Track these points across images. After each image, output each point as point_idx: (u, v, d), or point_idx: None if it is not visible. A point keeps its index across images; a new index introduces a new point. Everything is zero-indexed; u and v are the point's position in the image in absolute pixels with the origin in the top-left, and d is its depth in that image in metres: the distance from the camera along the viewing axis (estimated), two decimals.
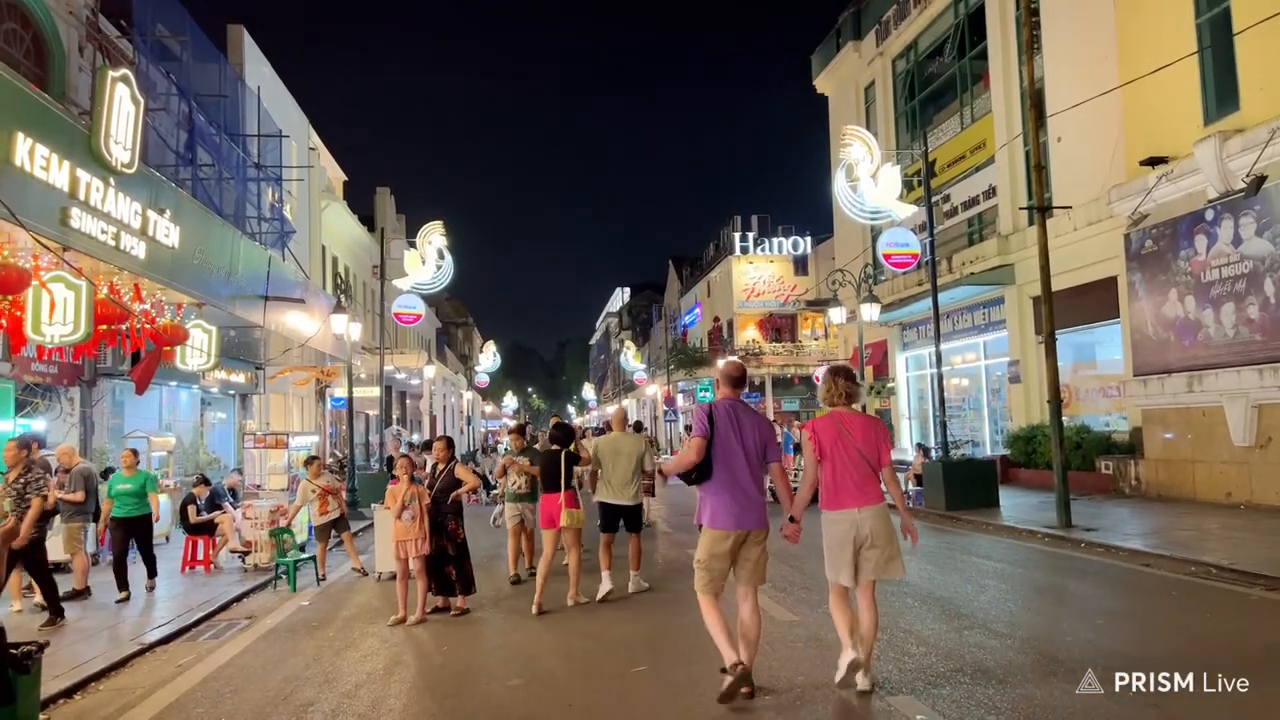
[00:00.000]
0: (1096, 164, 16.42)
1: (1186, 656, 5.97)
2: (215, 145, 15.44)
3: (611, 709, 5.39)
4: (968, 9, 22.54)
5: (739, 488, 5.26)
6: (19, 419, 11.67)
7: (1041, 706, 4.94)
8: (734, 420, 5.34)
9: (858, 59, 28.64)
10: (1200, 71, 14.06)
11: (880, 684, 5.39)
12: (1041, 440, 17.14)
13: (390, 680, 6.13)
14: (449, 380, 37.63)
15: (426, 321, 35.87)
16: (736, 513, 5.23)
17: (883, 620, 7.09)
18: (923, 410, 25.55)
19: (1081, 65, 17.01)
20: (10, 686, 4.33)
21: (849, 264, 24.25)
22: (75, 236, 8.39)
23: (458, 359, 59.50)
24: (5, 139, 7.51)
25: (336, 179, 31.94)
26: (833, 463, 5.25)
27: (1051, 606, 7.96)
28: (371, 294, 31.23)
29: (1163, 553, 9.67)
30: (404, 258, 24.74)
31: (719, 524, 5.24)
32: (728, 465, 5.28)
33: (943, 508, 14.40)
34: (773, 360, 41.47)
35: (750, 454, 5.31)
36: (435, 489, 8.32)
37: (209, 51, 15.36)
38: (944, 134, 23.78)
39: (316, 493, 10.98)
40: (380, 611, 8.38)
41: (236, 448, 18.37)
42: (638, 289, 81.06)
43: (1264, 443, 12.90)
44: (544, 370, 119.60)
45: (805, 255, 43.20)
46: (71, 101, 12.16)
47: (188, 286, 11.25)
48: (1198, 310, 14.02)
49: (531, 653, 6.71)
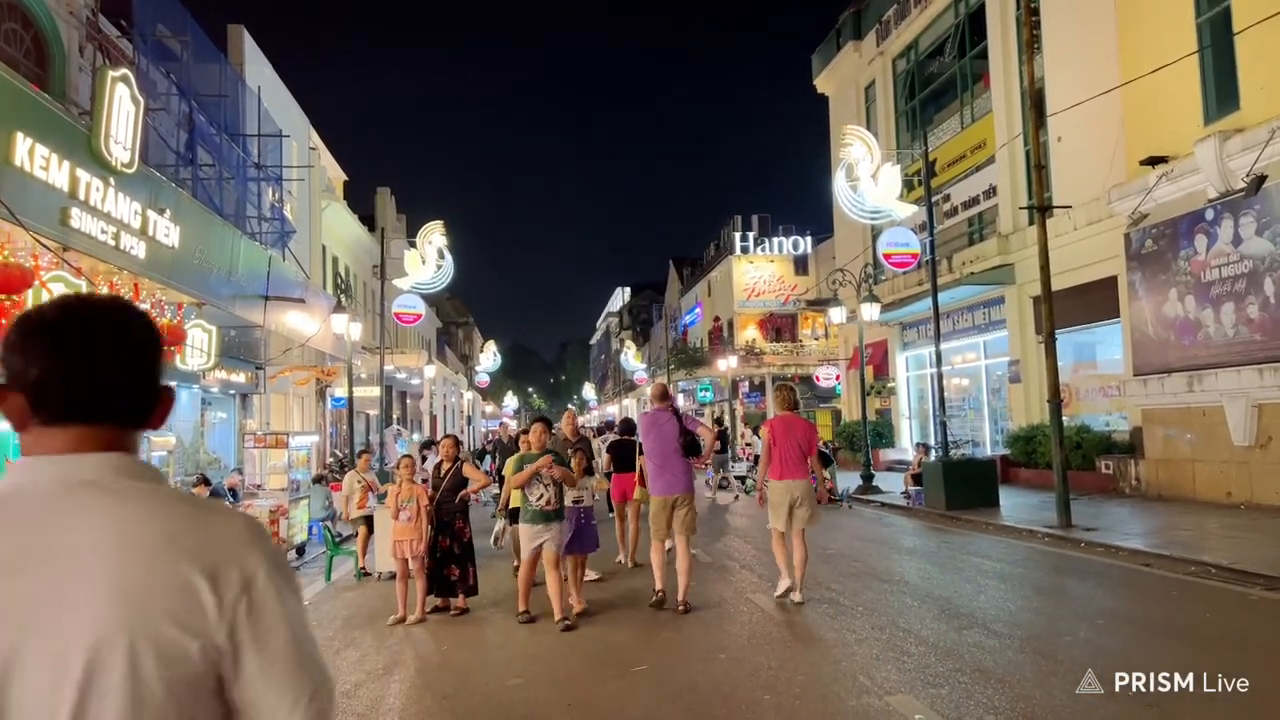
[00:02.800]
0: (1096, 163, 16.41)
1: (1186, 656, 5.97)
2: (215, 145, 15.43)
3: (611, 709, 5.39)
4: (968, 9, 22.53)
5: (668, 468, 7.73)
6: None
7: (1041, 706, 4.94)
8: (657, 425, 7.82)
9: (858, 59, 28.62)
10: (1200, 71, 14.05)
11: (879, 683, 5.39)
12: (1041, 440, 17.13)
13: (389, 679, 6.13)
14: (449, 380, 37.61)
15: (427, 321, 35.85)
16: (669, 482, 7.73)
17: (881, 620, 7.13)
18: (923, 410, 25.53)
19: (1082, 65, 17.00)
20: None
21: (849, 264, 24.22)
22: (75, 236, 8.40)
23: (458, 359, 59.49)
24: (5, 139, 7.51)
25: (337, 179, 31.94)
26: (780, 449, 7.85)
27: (1051, 606, 7.96)
28: (372, 294, 31.22)
29: (1163, 552, 9.66)
30: (404, 257, 24.73)
31: (658, 492, 7.83)
32: (661, 453, 7.74)
33: (943, 507, 14.39)
34: (773, 360, 41.48)
35: (669, 445, 7.71)
36: (442, 488, 8.33)
37: (209, 51, 15.34)
38: (944, 134, 23.77)
39: (362, 484, 11.01)
40: (380, 611, 8.38)
41: (237, 447, 18.35)
42: (638, 289, 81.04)
43: (1264, 442, 12.89)
44: (545, 370, 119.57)
45: (805, 255, 43.20)
46: (72, 101, 12.15)
47: (188, 286, 11.25)
48: (1198, 310, 14.02)
49: (531, 652, 6.71)
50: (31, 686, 1.00)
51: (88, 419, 1.12)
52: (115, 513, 1.07)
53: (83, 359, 1.12)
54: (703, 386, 44.12)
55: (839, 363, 31.59)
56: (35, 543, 1.05)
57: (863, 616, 7.32)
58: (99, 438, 1.13)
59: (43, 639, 1.01)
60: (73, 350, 1.12)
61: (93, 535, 1.05)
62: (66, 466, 1.10)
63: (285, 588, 1.13)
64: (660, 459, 7.76)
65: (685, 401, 45.48)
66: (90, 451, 1.12)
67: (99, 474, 1.10)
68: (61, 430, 1.11)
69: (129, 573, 1.04)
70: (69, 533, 1.05)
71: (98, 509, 1.07)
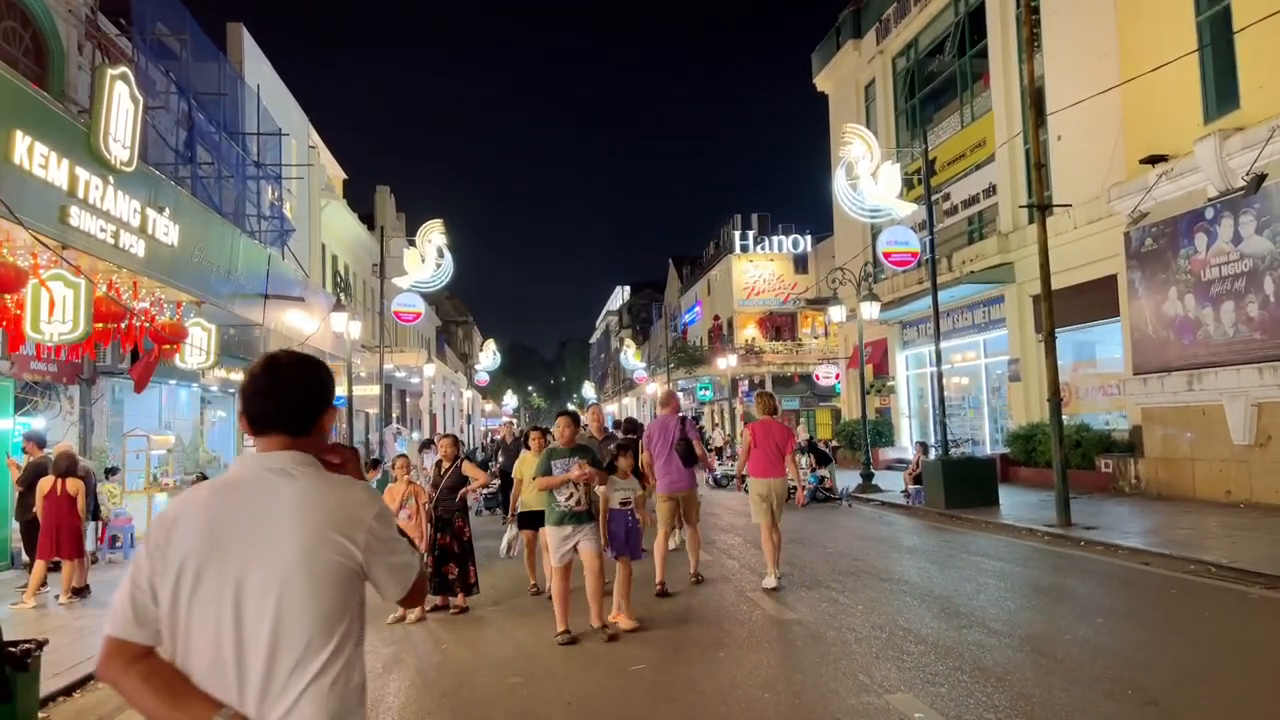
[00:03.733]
0: (1096, 162, 16.40)
1: (1186, 655, 5.98)
2: (215, 143, 15.42)
3: (611, 707, 5.39)
4: (968, 7, 22.51)
5: (673, 467, 8.73)
6: (18, 417, 11.67)
7: (1040, 705, 4.94)
8: (665, 430, 8.79)
9: (858, 57, 28.61)
10: (1200, 69, 14.04)
11: (878, 681, 5.39)
12: (1041, 439, 17.13)
13: (389, 678, 6.13)
14: (449, 379, 37.60)
15: (426, 320, 35.85)
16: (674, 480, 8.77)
17: (881, 618, 7.14)
18: (923, 409, 25.53)
19: (1082, 63, 17.00)
20: (9, 684, 4.33)
21: (849, 262, 24.22)
22: (74, 235, 8.39)
23: (458, 357, 59.48)
24: (4, 137, 7.49)
25: (336, 177, 31.92)
26: (760, 449, 8.66)
27: (1051, 605, 7.95)
28: (371, 292, 31.21)
29: (1162, 551, 9.66)
30: (404, 256, 24.74)
31: (665, 489, 8.77)
32: (667, 455, 8.73)
33: (942, 506, 14.39)
34: (773, 359, 41.49)
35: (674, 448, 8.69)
36: (442, 486, 8.33)
37: (209, 50, 15.33)
38: (944, 132, 23.75)
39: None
40: (379, 610, 8.38)
41: (236, 446, 18.37)
42: (638, 287, 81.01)
43: (1263, 441, 12.89)
44: (544, 369, 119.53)
45: (805, 253, 43.19)
46: (71, 100, 12.14)
47: (187, 285, 11.24)
48: (1197, 309, 14.01)
49: (531, 650, 6.71)
50: (255, 587, 1.75)
51: (274, 432, 1.90)
52: (294, 487, 1.83)
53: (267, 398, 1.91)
54: (702, 385, 44.13)
55: (839, 361, 31.60)
56: (252, 503, 1.82)
57: (862, 615, 7.32)
58: (283, 442, 1.90)
59: (259, 559, 1.76)
60: (261, 392, 1.91)
61: (282, 500, 1.81)
62: (266, 460, 1.88)
63: (387, 528, 1.92)
64: (666, 459, 8.76)
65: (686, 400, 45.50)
66: (278, 450, 1.89)
67: (283, 464, 1.87)
68: (264, 439, 1.91)
69: (304, 522, 1.79)
70: (269, 497, 1.82)
71: (284, 485, 1.84)
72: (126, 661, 1.76)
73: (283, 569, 1.76)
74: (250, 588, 1.75)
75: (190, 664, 1.75)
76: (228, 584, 1.75)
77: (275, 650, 1.73)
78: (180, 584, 1.75)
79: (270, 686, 1.72)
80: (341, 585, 1.82)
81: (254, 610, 1.74)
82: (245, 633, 1.73)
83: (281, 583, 1.75)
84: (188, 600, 1.75)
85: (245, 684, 1.72)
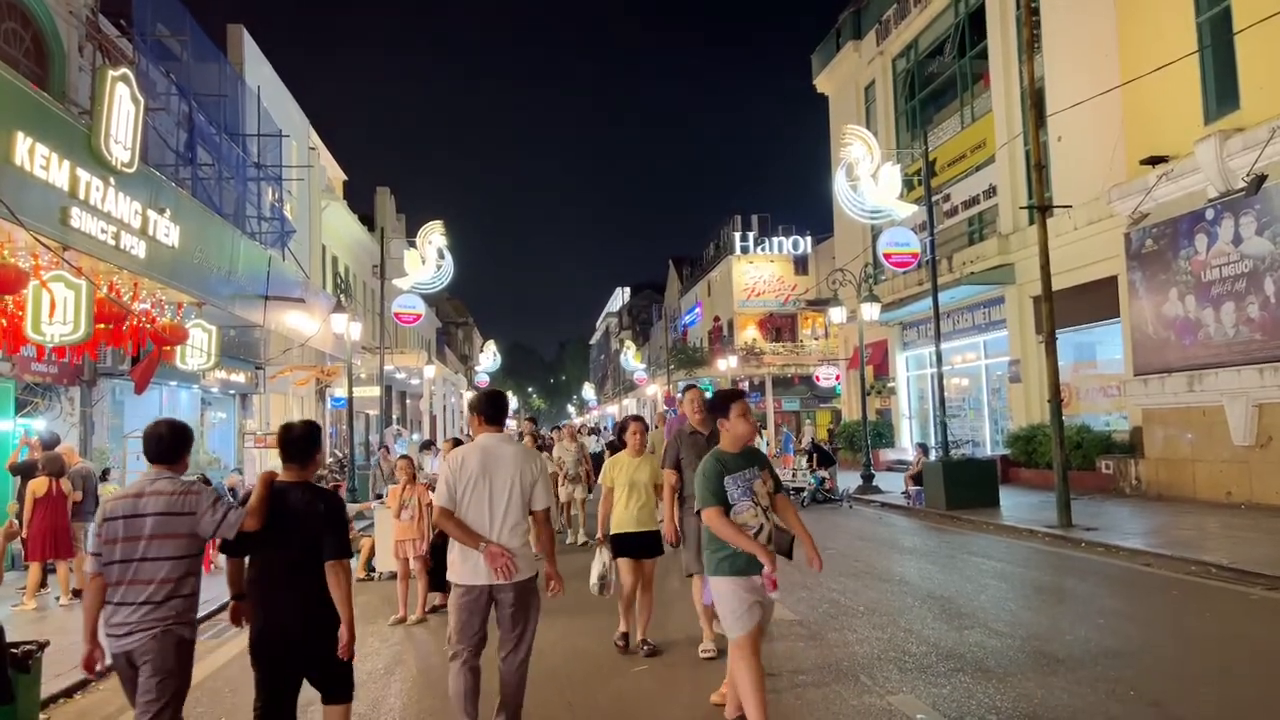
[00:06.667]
0: (1097, 163, 16.40)
1: (1186, 656, 5.98)
2: (215, 145, 15.42)
3: (612, 708, 5.39)
4: (968, 8, 22.52)
5: None
6: (19, 418, 11.67)
7: (1042, 705, 4.94)
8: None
9: (858, 58, 28.62)
10: (1201, 70, 14.05)
11: (880, 682, 5.38)
12: (1042, 440, 17.12)
13: (390, 679, 6.13)
14: (449, 380, 37.54)
15: (426, 321, 35.83)
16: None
17: (882, 619, 7.14)
18: (923, 410, 25.52)
19: (1082, 64, 17.00)
20: (10, 685, 4.33)
21: (849, 263, 24.22)
22: (75, 236, 8.38)
23: (458, 359, 59.47)
24: (5, 138, 7.49)
25: (336, 179, 31.92)
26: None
27: (1051, 606, 7.95)
28: (371, 294, 31.20)
29: (1163, 552, 9.66)
30: (404, 257, 24.71)
31: None
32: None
33: (943, 507, 14.39)
34: (773, 360, 41.46)
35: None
36: None
37: (209, 51, 15.34)
38: (944, 133, 23.76)
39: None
40: (380, 611, 8.38)
41: (236, 448, 18.36)
42: (638, 289, 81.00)
43: (1264, 442, 12.89)
44: (544, 370, 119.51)
45: (805, 255, 43.17)
46: (71, 101, 12.14)
47: (187, 286, 11.23)
48: (1198, 309, 14.01)
49: (533, 650, 6.68)
50: (498, 489, 4.47)
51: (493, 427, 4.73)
52: (512, 447, 4.63)
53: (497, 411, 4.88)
54: (703, 386, 44.05)
55: (839, 363, 31.60)
56: (495, 453, 4.55)
57: (864, 616, 7.32)
58: (499, 428, 4.74)
59: (501, 480, 4.49)
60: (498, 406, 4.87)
61: (507, 452, 4.58)
62: (496, 436, 4.66)
63: (543, 471, 4.70)
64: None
65: None
66: (496, 431, 4.70)
67: (503, 438, 4.68)
68: (492, 428, 4.71)
69: (517, 465, 4.53)
70: (504, 449, 4.59)
71: (507, 446, 4.63)
72: (447, 516, 4.40)
73: (508, 482, 4.44)
74: (497, 488, 4.43)
75: (469, 518, 4.40)
76: (485, 486, 4.42)
77: (505, 516, 4.42)
78: (468, 485, 4.41)
79: (502, 531, 4.40)
80: (530, 490, 4.50)
81: (498, 498, 4.43)
82: (495, 508, 4.42)
83: (507, 488, 4.44)
84: (470, 492, 4.41)
85: (492, 528, 4.39)
